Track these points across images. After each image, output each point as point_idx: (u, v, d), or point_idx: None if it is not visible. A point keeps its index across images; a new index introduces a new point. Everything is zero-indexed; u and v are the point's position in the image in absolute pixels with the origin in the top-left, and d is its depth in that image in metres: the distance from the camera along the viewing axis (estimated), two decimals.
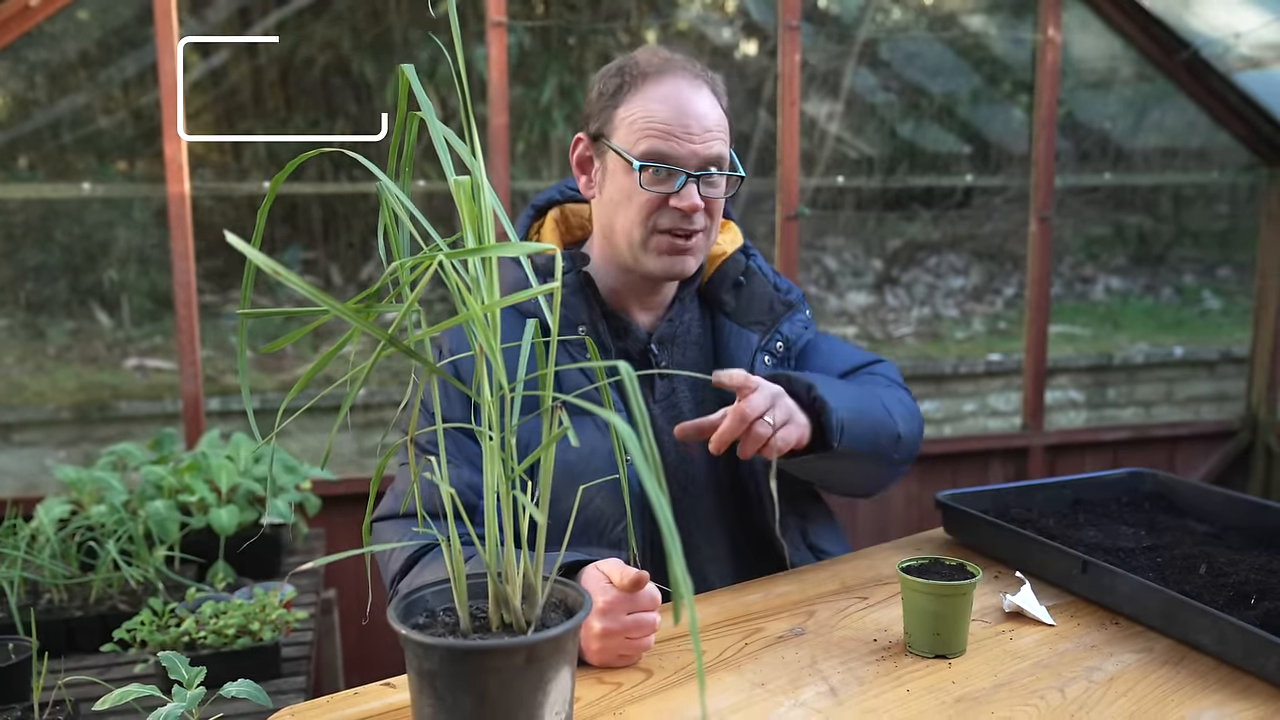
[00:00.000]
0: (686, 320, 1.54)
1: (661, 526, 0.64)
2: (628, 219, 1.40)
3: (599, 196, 1.45)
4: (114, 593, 1.74)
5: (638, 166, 1.36)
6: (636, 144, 1.37)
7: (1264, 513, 1.53)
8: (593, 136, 1.43)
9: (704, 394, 1.53)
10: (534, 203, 1.57)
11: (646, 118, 1.37)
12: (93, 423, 4.01)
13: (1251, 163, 3.25)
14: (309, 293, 0.81)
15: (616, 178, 1.40)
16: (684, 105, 1.37)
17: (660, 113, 1.36)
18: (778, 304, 1.57)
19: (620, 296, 1.49)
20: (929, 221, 5.78)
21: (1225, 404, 5.11)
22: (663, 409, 1.49)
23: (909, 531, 1.59)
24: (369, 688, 1.11)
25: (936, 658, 1.17)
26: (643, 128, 1.36)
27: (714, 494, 1.52)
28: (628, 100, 1.38)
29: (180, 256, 2.35)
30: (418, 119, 0.94)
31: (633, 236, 1.40)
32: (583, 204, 1.57)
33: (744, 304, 1.56)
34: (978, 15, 4.24)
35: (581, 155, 1.46)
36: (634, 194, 1.38)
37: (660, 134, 1.36)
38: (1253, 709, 1.05)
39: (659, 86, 1.38)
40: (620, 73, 1.40)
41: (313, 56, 4.80)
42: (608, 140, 1.40)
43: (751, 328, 1.54)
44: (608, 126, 1.40)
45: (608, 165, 1.42)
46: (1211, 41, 2.88)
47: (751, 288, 1.56)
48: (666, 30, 5.10)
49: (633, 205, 1.39)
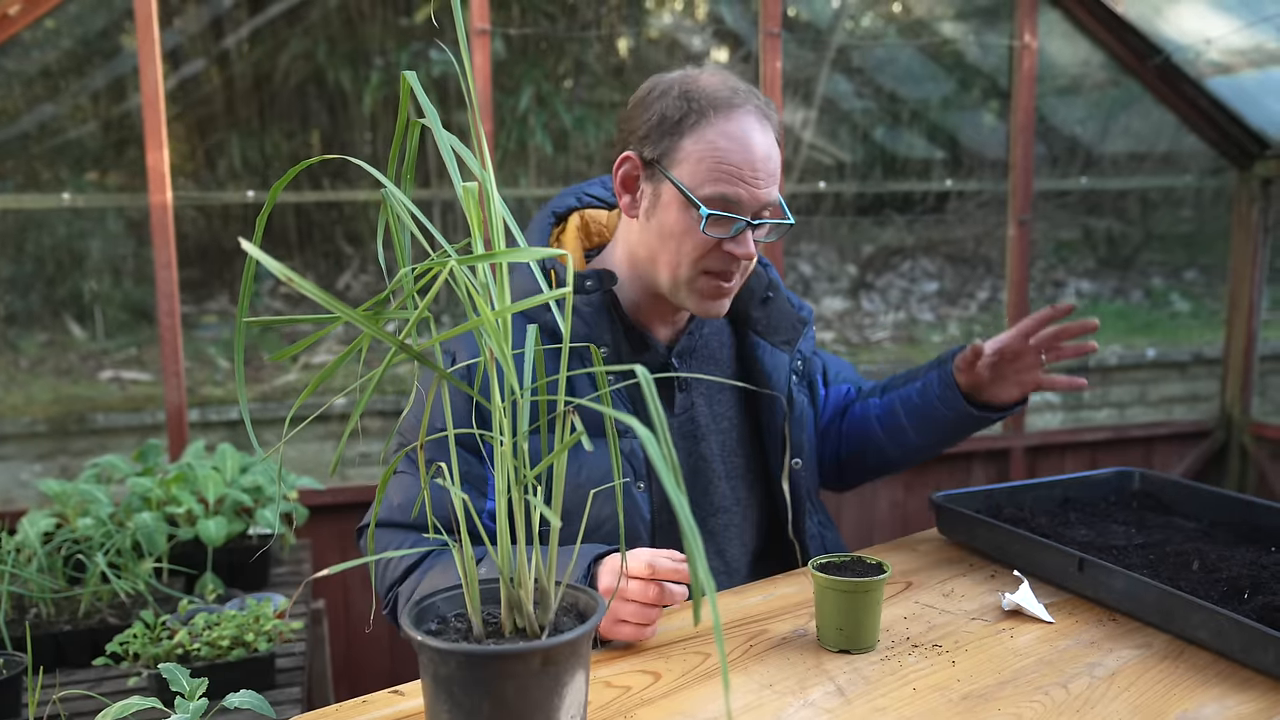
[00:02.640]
0: (706, 334, 1.53)
1: (682, 524, 0.65)
2: (677, 255, 1.34)
3: (642, 221, 1.39)
4: (103, 606, 1.72)
5: (705, 214, 1.30)
6: (703, 185, 1.30)
7: (1250, 509, 1.55)
8: (646, 160, 1.35)
9: (720, 409, 1.53)
10: (553, 209, 1.52)
11: (717, 159, 1.30)
12: (70, 435, 3.95)
13: (1219, 166, 3.30)
14: (323, 299, 0.80)
15: (672, 211, 1.33)
16: (753, 147, 1.31)
17: (732, 155, 1.30)
18: (796, 321, 1.57)
19: (642, 312, 1.47)
20: (903, 227, 5.83)
21: (1197, 404, 5.19)
22: (679, 423, 1.49)
23: (893, 534, 1.62)
24: (378, 695, 1.10)
25: (841, 652, 1.19)
26: (711, 169, 1.30)
27: (736, 510, 1.54)
28: (695, 132, 1.31)
29: (163, 266, 2.33)
30: (419, 126, 0.94)
31: (679, 274, 1.36)
32: (601, 210, 1.55)
33: (774, 321, 1.54)
34: (951, 21, 4.28)
35: (628, 175, 1.38)
36: (690, 233, 1.32)
37: (730, 179, 1.30)
38: (1252, 702, 1.07)
39: (729, 122, 1.30)
40: (686, 98, 1.32)
41: (288, 66, 4.77)
42: (666, 170, 1.33)
43: (782, 348, 1.54)
44: (669, 157, 1.33)
45: (661, 195, 1.34)
46: (1183, 48, 2.92)
47: (778, 303, 1.55)
48: (639, 38, 5.12)
49: (686, 244, 1.33)
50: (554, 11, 4.73)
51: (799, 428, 1.55)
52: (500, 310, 0.89)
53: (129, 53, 4.42)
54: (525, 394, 0.94)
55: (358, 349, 0.94)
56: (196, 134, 4.77)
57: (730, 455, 1.54)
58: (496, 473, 0.92)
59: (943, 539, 1.60)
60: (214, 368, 4.75)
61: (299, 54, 4.75)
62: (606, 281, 1.40)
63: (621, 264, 1.45)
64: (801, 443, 1.55)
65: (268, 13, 4.70)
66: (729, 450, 1.54)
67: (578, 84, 5.07)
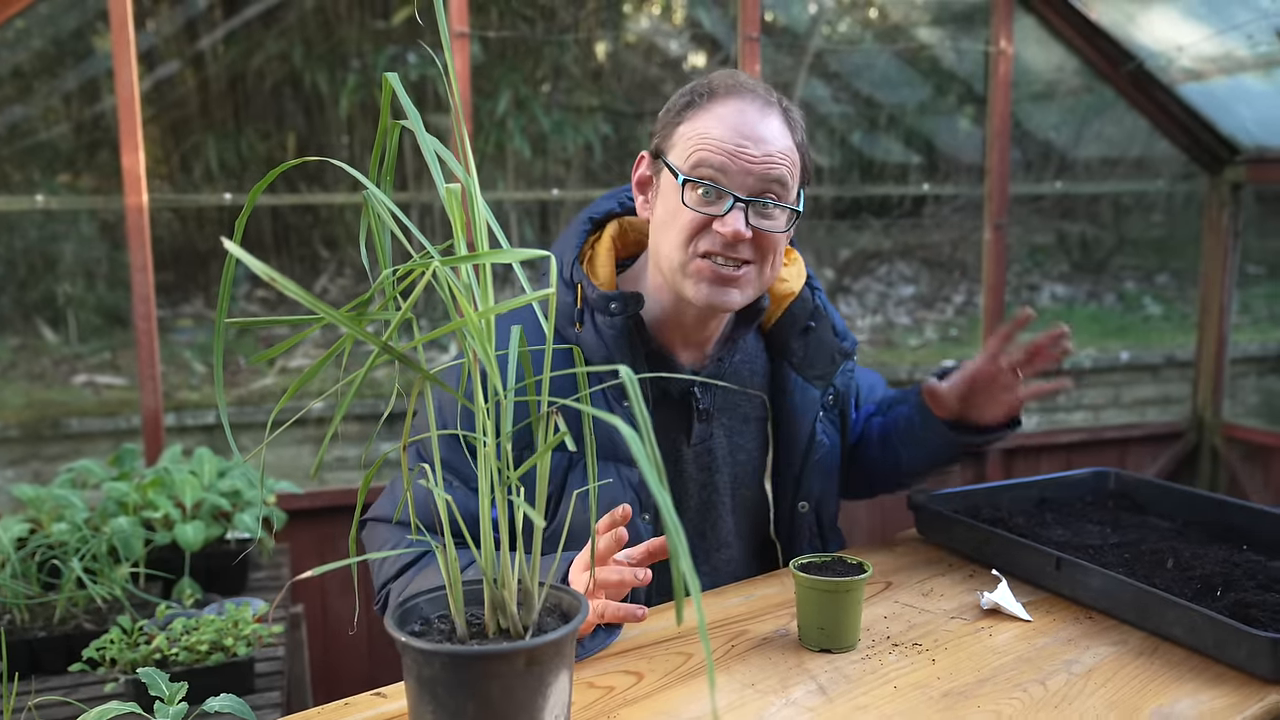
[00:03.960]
0: (737, 361, 1.48)
1: (665, 520, 0.65)
2: (670, 241, 1.32)
3: (652, 218, 1.37)
4: (79, 612, 1.70)
5: (681, 180, 1.28)
6: (688, 159, 1.30)
7: (1222, 508, 1.58)
8: (653, 154, 1.36)
9: (741, 440, 1.48)
10: (590, 214, 1.46)
11: (703, 134, 1.29)
12: (43, 440, 3.91)
13: (1190, 172, 3.35)
14: (306, 299, 0.80)
15: (666, 197, 1.33)
16: (745, 125, 1.29)
17: (716, 129, 1.29)
18: (837, 354, 1.52)
19: (666, 331, 1.41)
20: (880, 231, 5.86)
21: (1170, 406, 5.25)
22: (695, 454, 1.45)
23: (873, 536, 1.63)
24: (360, 697, 1.10)
25: (822, 651, 1.20)
26: (698, 144, 1.29)
27: (734, 543, 1.52)
28: (691, 117, 1.31)
29: (139, 270, 2.31)
30: (399, 127, 0.94)
31: (673, 260, 1.32)
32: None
33: (811, 354, 1.49)
34: (927, 27, 4.32)
35: (642, 175, 1.39)
36: (679, 213, 1.30)
37: (712, 149, 1.28)
38: (1224, 696, 1.08)
39: (723, 105, 1.30)
40: (691, 91, 1.34)
41: (263, 68, 4.75)
42: (664, 157, 1.33)
43: (814, 383, 1.50)
44: (666, 143, 1.34)
45: (661, 184, 1.35)
46: (1155, 54, 2.96)
47: (819, 334, 1.50)
48: (617, 42, 5.13)
49: (676, 225, 1.31)
50: (532, 15, 4.73)
51: (815, 471, 1.51)
52: (484, 311, 0.89)
53: (101, 54, 4.39)
54: (509, 396, 0.94)
55: (339, 351, 0.94)
56: (171, 136, 4.74)
57: (741, 489, 1.50)
58: (480, 475, 0.92)
59: (922, 539, 1.62)
60: (190, 372, 4.72)
61: (275, 56, 4.73)
62: (632, 306, 1.35)
63: (649, 276, 1.41)
64: (812, 489, 1.51)
65: (243, 14, 4.67)
66: (741, 483, 1.50)
67: (556, 88, 5.07)
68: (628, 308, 1.34)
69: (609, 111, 5.01)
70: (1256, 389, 5.79)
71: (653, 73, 5.10)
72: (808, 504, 1.51)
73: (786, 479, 1.51)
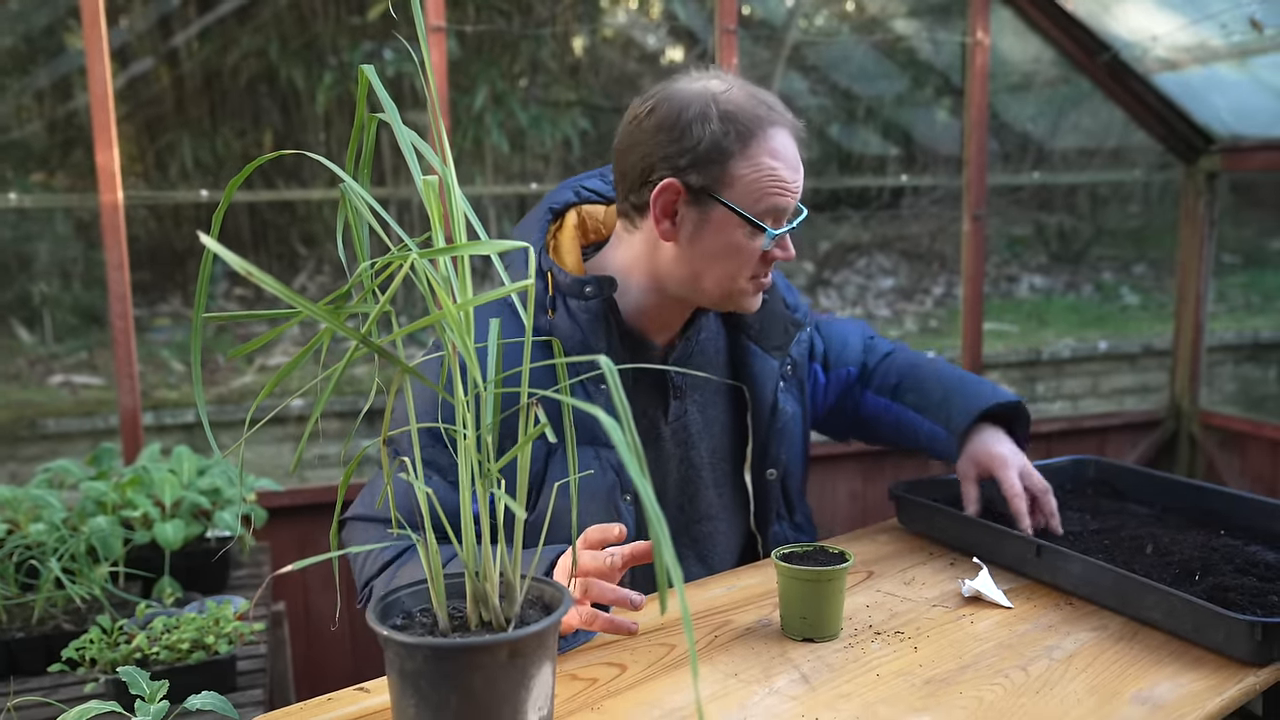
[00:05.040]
0: (703, 339, 1.52)
1: (646, 508, 0.65)
2: (732, 270, 1.37)
3: (684, 244, 1.37)
4: (57, 612, 1.69)
5: (772, 234, 1.34)
6: (759, 203, 1.33)
7: (1200, 494, 1.59)
8: (693, 187, 1.33)
9: (712, 412, 1.52)
10: (549, 204, 1.48)
11: (771, 177, 1.33)
12: (20, 441, 3.88)
13: (1166, 161, 3.37)
14: (283, 293, 0.80)
15: (725, 232, 1.34)
16: (793, 158, 1.35)
17: (781, 171, 1.33)
18: (789, 324, 1.57)
19: (643, 318, 1.44)
20: (859, 223, 5.88)
21: (1148, 395, 5.29)
22: (673, 430, 1.48)
23: (854, 525, 1.63)
24: (343, 693, 1.10)
25: (805, 640, 1.21)
26: (766, 189, 1.33)
27: (722, 516, 1.54)
28: (744, 155, 1.32)
29: (114, 268, 2.29)
30: (376, 120, 0.94)
31: (733, 286, 1.38)
32: (599, 205, 1.52)
33: (766, 325, 1.54)
34: (904, 19, 4.33)
35: (669, 202, 1.35)
36: (745, 249, 1.35)
37: (781, 193, 1.34)
38: (1203, 679, 1.09)
39: (772, 140, 1.33)
40: (728, 121, 1.31)
41: (239, 64, 4.71)
42: (716, 194, 1.33)
43: (772, 353, 1.54)
44: (718, 181, 1.32)
45: (711, 218, 1.34)
46: (1130, 44, 2.98)
47: (772, 306, 1.55)
48: (594, 36, 5.12)
49: (742, 259, 1.36)
50: (509, 9, 4.72)
51: (780, 439, 1.55)
52: (463, 304, 0.89)
53: (74, 51, 4.34)
54: (490, 388, 0.94)
55: (317, 346, 0.93)
56: (146, 134, 4.70)
57: (719, 461, 1.53)
58: (461, 467, 0.92)
59: (903, 528, 1.62)
60: (168, 371, 4.68)
61: (250, 52, 4.69)
62: (606, 289, 1.37)
63: (625, 270, 1.42)
64: (779, 456, 1.55)
65: (217, 10, 4.63)
66: (718, 456, 1.53)
67: (533, 83, 5.06)
68: (602, 290, 1.37)
69: (587, 106, 5.00)
70: (1233, 377, 5.85)
71: (630, 67, 5.10)
72: (775, 471, 1.55)
73: (754, 447, 1.54)
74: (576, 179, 1.53)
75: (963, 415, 1.54)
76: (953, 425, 1.54)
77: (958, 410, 1.55)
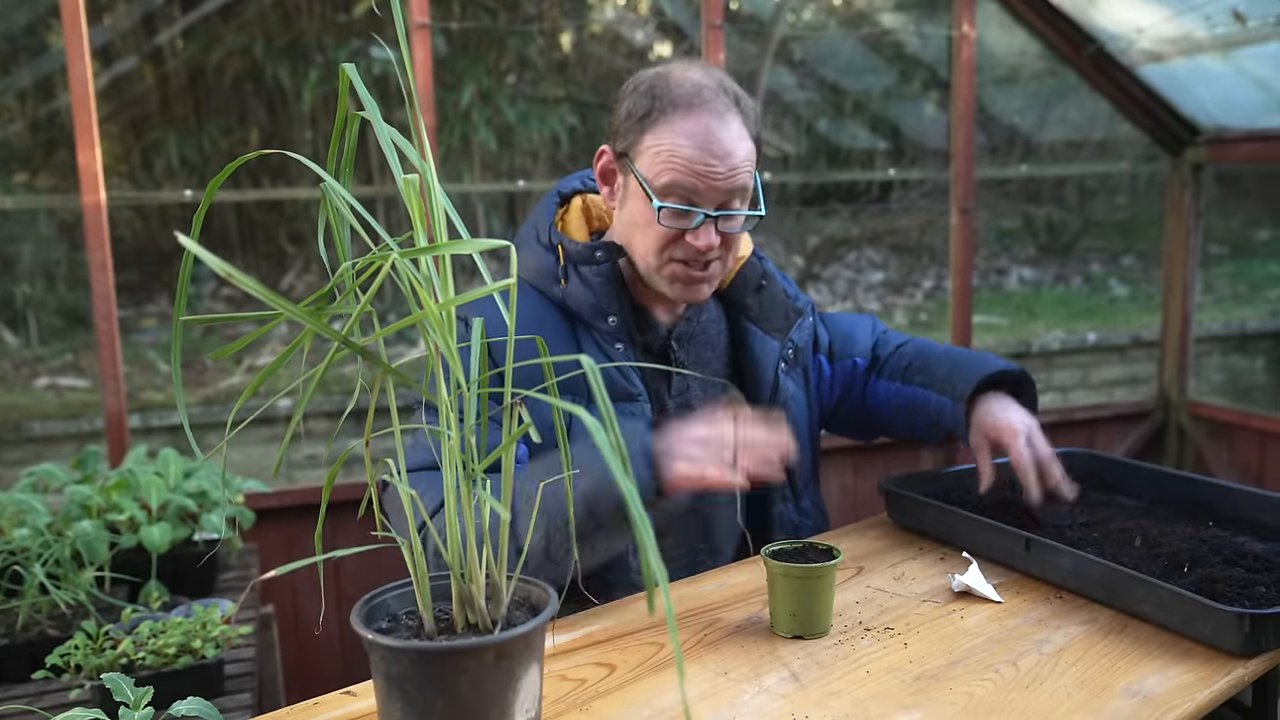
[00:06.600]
0: (704, 320, 1.56)
1: (631, 514, 0.65)
2: (644, 244, 1.41)
3: (619, 210, 1.46)
4: (42, 618, 1.67)
5: (658, 206, 1.35)
6: (658, 176, 1.35)
7: (1188, 485, 1.59)
8: (617, 153, 1.42)
9: (714, 391, 1.55)
10: (559, 190, 1.56)
11: (671, 152, 1.35)
12: (4, 444, 3.85)
13: (1152, 153, 3.37)
14: (264, 295, 0.79)
15: (636, 202, 1.40)
16: (710, 143, 1.34)
17: (685, 149, 1.34)
18: (790, 311, 1.61)
19: (645, 295, 1.51)
20: (848, 217, 5.88)
21: (1137, 386, 5.31)
22: (675, 405, 1.51)
23: (843, 520, 1.63)
24: (330, 697, 1.09)
25: (795, 638, 1.20)
26: (666, 163, 1.35)
27: (720, 493, 1.54)
28: (655, 128, 1.36)
29: (98, 269, 2.27)
30: (358, 119, 0.93)
31: (648, 262, 1.42)
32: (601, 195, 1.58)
33: (766, 309, 1.58)
34: (890, 13, 4.32)
35: (605, 167, 1.45)
36: (651, 224, 1.38)
37: (683, 170, 1.34)
38: (1192, 671, 1.09)
39: (686, 120, 1.35)
40: (651, 94, 1.38)
41: (223, 63, 4.68)
42: (631, 163, 1.39)
43: (773, 335, 1.58)
44: (633, 149, 1.39)
45: (629, 186, 1.41)
46: (1116, 37, 2.98)
47: (771, 293, 1.59)
48: (582, 32, 5.10)
49: (649, 234, 1.39)
50: (495, 6, 4.70)
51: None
52: (444, 303, 0.88)
53: (56, 50, 4.31)
54: (472, 389, 0.93)
55: (300, 346, 0.92)
56: (130, 133, 4.67)
57: None
58: (444, 466, 0.91)
59: (892, 524, 1.62)
60: (154, 372, 4.66)
61: (235, 50, 4.67)
62: (615, 253, 1.44)
63: (619, 243, 1.48)
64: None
65: (201, 9, 4.61)
66: None
67: (520, 79, 5.04)
68: (612, 254, 1.44)
69: (575, 102, 4.99)
70: (1221, 367, 5.87)
71: (618, 63, 5.08)
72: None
73: None
74: (585, 171, 1.60)
75: (966, 384, 1.55)
76: (958, 393, 1.55)
77: (962, 380, 1.56)
